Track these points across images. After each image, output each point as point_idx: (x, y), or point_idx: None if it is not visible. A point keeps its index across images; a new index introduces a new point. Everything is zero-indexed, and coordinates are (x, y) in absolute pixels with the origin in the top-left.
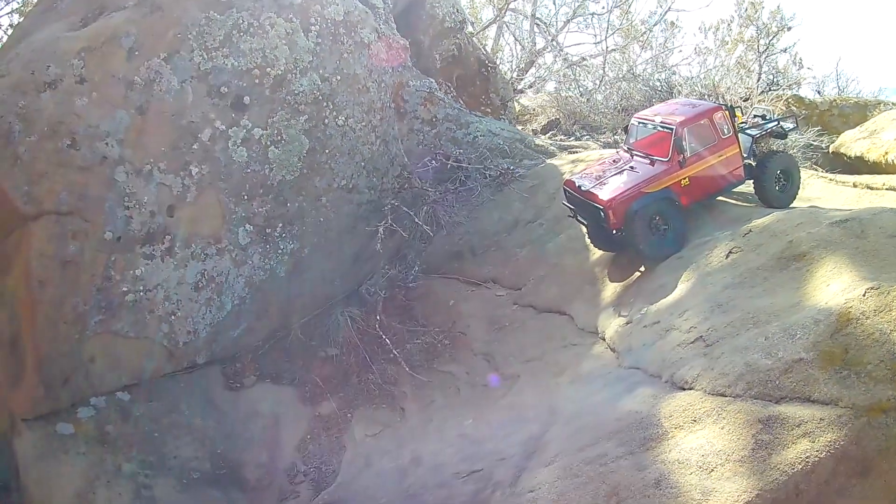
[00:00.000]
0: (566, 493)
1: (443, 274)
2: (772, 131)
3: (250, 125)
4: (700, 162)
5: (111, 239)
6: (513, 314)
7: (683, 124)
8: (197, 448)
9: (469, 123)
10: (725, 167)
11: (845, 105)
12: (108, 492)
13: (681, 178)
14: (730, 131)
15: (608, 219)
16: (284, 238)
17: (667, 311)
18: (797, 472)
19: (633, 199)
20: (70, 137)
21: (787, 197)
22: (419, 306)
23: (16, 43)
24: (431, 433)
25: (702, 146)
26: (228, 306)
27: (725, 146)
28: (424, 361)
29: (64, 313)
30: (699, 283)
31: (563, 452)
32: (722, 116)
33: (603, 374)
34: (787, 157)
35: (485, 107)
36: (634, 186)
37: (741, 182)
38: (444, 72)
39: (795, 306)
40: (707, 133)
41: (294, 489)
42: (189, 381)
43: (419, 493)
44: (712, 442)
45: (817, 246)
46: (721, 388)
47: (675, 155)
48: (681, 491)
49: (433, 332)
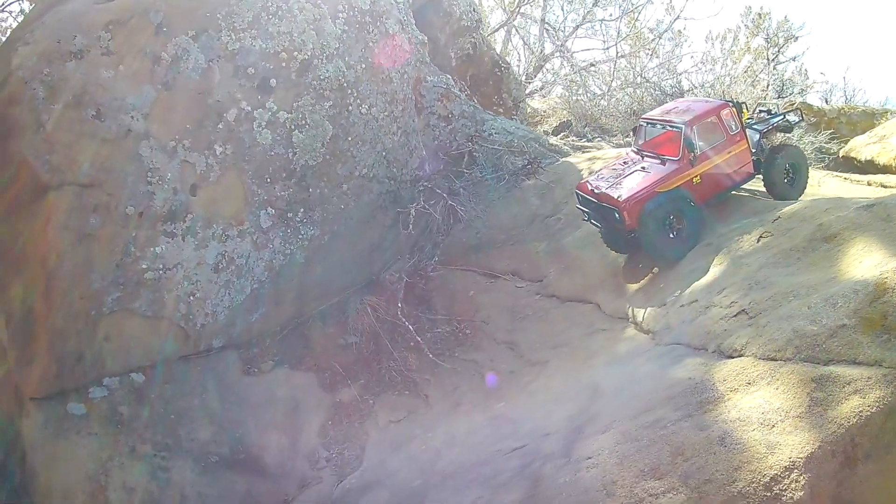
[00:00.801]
0: (629, 457)
1: (461, 266)
2: (778, 125)
3: (276, 108)
4: (710, 159)
5: (133, 214)
6: (535, 304)
7: (692, 123)
8: (215, 431)
9: (484, 121)
10: (735, 163)
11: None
12: (122, 473)
13: (692, 176)
14: (738, 128)
15: (623, 219)
16: (305, 223)
17: (704, 291)
18: (852, 426)
19: (647, 199)
20: (95, 108)
21: (796, 190)
22: (438, 297)
23: (41, 14)
24: (461, 416)
25: (711, 144)
26: (247, 290)
27: (734, 143)
28: (446, 350)
29: (81, 288)
30: (733, 264)
31: (619, 420)
32: (729, 113)
33: (641, 352)
34: (795, 151)
35: (497, 106)
36: (648, 186)
37: (751, 177)
38: (459, 70)
39: (831, 281)
40: (715, 130)
41: (316, 475)
42: (205, 365)
43: (458, 473)
44: (770, 401)
45: (847, 228)
46: (771, 353)
47: (686, 153)
48: (746, 446)
49: (454, 322)
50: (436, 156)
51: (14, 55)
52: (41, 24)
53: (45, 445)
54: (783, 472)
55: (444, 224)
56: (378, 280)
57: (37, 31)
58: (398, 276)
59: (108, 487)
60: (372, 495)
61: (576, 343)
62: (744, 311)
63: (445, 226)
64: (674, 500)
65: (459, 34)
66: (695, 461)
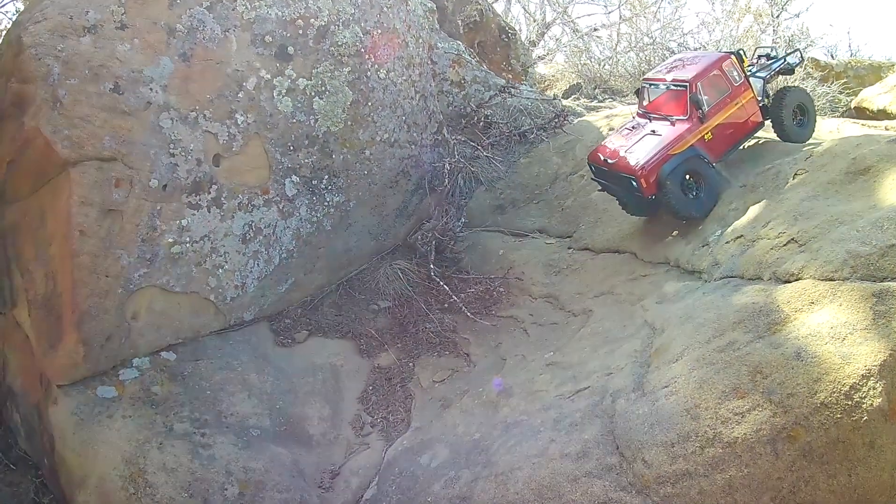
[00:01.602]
0: (708, 379)
1: (486, 227)
2: (780, 69)
3: (295, 75)
4: (719, 114)
5: (157, 187)
6: (569, 257)
7: (696, 79)
8: (255, 404)
9: (496, 86)
10: (744, 113)
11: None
12: (161, 454)
13: (703, 133)
14: (741, 77)
15: (641, 186)
16: (330, 190)
17: (748, 227)
18: None
19: (664, 163)
20: (113, 81)
21: (807, 131)
22: (468, 257)
23: None
24: (511, 368)
25: (717, 97)
26: (276, 260)
27: (740, 93)
28: (482, 309)
29: (106, 266)
30: (773, 200)
31: (689, 348)
32: (731, 64)
33: (692, 289)
34: (801, 92)
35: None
36: (661, 150)
37: (762, 125)
38: (467, 37)
39: (873, 208)
40: (720, 83)
41: (363, 441)
42: (238, 339)
43: (521, 421)
44: (836, 316)
45: (881, 160)
46: (828, 273)
47: (694, 111)
48: (822, 358)
49: (487, 281)
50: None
51: (25, 34)
52: (51, 2)
53: (76, 433)
54: (861, 380)
55: (467, 187)
56: (406, 244)
57: (47, 8)
58: (428, 236)
59: (147, 470)
60: (430, 452)
61: (619, 290)
62: (793, 239)
63: (468, 188)
64: (760, 416)
65: (466, 1)
66: (774, 377)
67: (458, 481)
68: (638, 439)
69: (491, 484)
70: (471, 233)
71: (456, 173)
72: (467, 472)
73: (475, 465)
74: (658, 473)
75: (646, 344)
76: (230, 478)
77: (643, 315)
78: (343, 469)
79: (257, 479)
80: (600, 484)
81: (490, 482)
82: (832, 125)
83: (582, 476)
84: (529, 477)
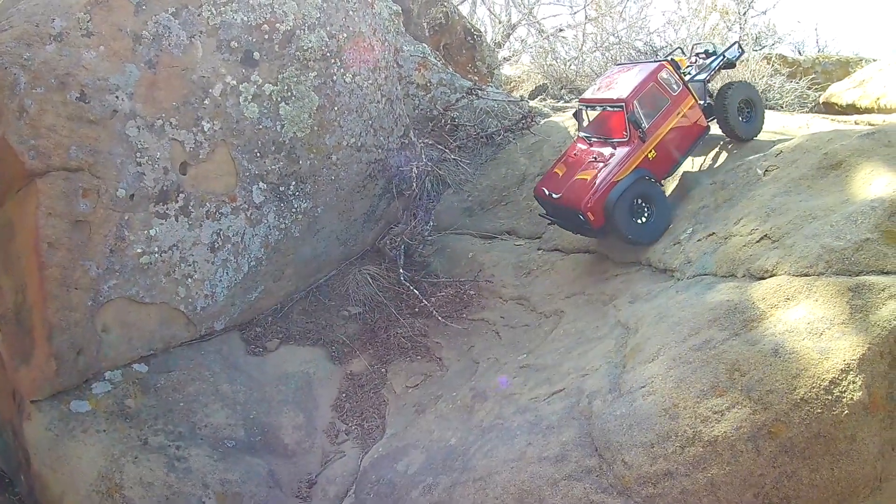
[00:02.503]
0: (685, 378)
1: (455, 230)
2: (721, 65)
3: (261, 81)
4: (661, 128)
5: (124, 196)
6: (539, 258)
7: (631, 98)
8: (228, 415)
9: (463, 88)
10: (688, 122)
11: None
12: (136, 468)
13: (646, 152)
14: (680, 85)
15: (588, 220)
16: (298, 196)
17: (719, 224)
18: (895, 327)
19: (608, 192)
20: (79, 90)
21: (754, 127)
22: (437, 261)
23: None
24: (484, 372)
25: (656, 111)
26: (245, 268)
27: (680, 101)
28: (453, 312)
29: (76, 278)
30: (744, 197)
31: (665, 347)
32: (667, 73)
33: (665, 288)
34: (744, 86)
35: (472, 74)
36: (605, 178)
37: (707, 130)
38: (433, 40)
39: (846, 202)
40: (658, 96)
41: (338, 449)
42: (209, 349)
43: (497, 424)
44: (813, 311)
45: (852, 155)
46: (803, 269)
47: (633, 132)
48: (800, 354)
49: (457, 284)
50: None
51: None
52: (16, 10)
53: (51, 448)
54: (840, 374)
55: (434, 190)
56: (374, 249)
57: (13, 16)
58: (397, 241)
59: (124, 485)
60: (407, 459)
61: (590, 290)
62: (766, 236)
63: (435, 192)
64: (740, 414)
65: (431, 4)
66: (753, 374)
67: (436, 487)
68: (617, 440)
69: (470, 489)
70: (440, 236)
71: (423, 177)
72: (445, 478)
73: (453, 470)
74: (639, 474)
75: (620, 344)
76: (207, 490)
77: (616, 315)
78: (320, 478)
79: (234, 491)
80: (581, 486)
81: (469, 487)
82: (801, 121)
83: (562, 479)
84: (508, 481)
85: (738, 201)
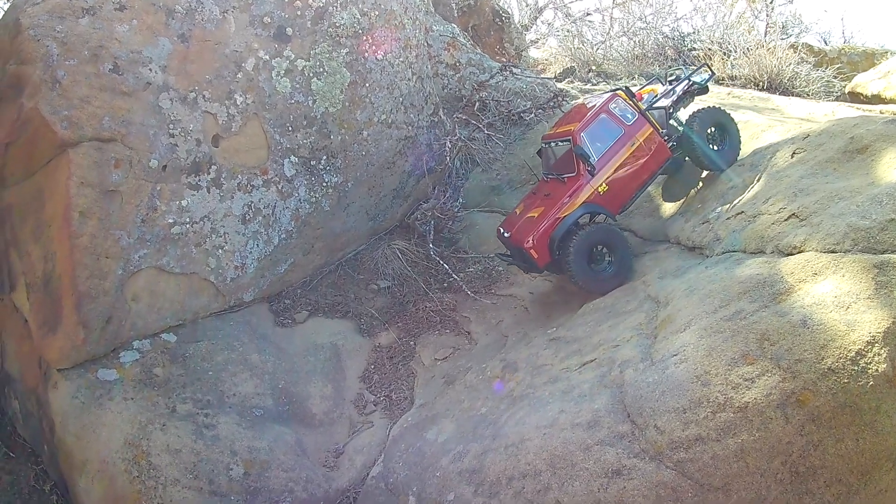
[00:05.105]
0: (717, 347)
1: (483, 208)
2: (687, 92)
3: (293, 56)
4: (612, 161)
5: (156, 167)
6: None
7: (579, 130)
8: (257, 385)
9: (491, 68)
10: (645, 152)
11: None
12: (164, 435)
13: (597, 187)
14: (634, 114)
15: (532, 258)
16: (328, 171)
17: (748, 203)
18: None
19: (552, 229)
20: (112, 62)
21: (729, 154)
22: (466, 238)
23: None
24: (513, 345)
25: (608, 143)
26: (276, 240)
27: (636, 131)
28: (482, 288)
29: (106, 247)
30: (772, 178)
31: (697, 318)
32: (619, 103)
33: (694, 264)
34: (714, 111)
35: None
36: (550, 216)
37: (670, 158)
38: (461, 21)
39: (871, 184)
40: (609, 127)
41: (366, 419)
42: (238, 319)
43: (528, 394)
44: (839, 286)
45: (877, 139)
46: (830, 246)
47: (582, 166)
48: (827, 326)
49: (485, 260)
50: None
51: (23, 15)
52: None
53: (77, 416)
54: (866, 346)
55: (464, 168)
56: (402, 225)
57: None
58: (427, 216)
59: (151, 452)
60: (437, 428)
61: None
62: (794, 214)
63: (464, 170)
64: (769, 382)
65: None
66: (782, 344)
67: (466, 455)
68: (649, 406)
69: (501, 455)
70: (468, 213)
71: (456, 152)
72: (476, 446)
73: (483, 438)
74: (671, 439)
75: (650, 316)
76: (235, 458)
77: (645, 290)
78: (347, 447)
79: (262, 459)
80: (613, 451)
81: (500, 454)
82: (827, 108)
83: (594, 444)
84: (540, 447)
85: (767, 182)
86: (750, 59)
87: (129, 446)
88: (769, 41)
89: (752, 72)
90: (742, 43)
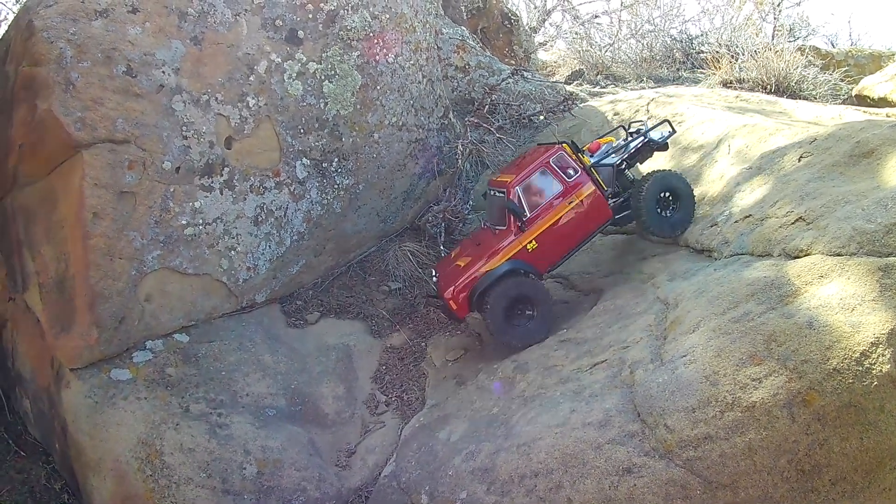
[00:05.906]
0: (725, 348)
1: None
2: (641, 148)
3: (305, 59)
4: (546, 217)
5: (169, 169)
6: None
7: (514, 184)
8: (269, 385)
9: (501, 71)
10: (583, 210)
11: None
12: (177, 434)
13: (524, 243)
14: (578, 170)
15: (451, 309)
16: (340, 173)
17: (755, 207)
18: None
19: (474, 282)
20: (125, 64)
21: (681, 220)
22: None
23: None
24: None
25: (545, 199)
26: (288, 242)
27: (575, 188)
28: None
29: (120, 247)
30: (780, 181)
31: (705, 319)
32: (561, 158)
33: (703, 266)
34: (667, 175)
35: (509, 59)
36: (473, 270)
37: (609, 220)
38: (470, 23)
39: (877, 188)
40: (547, 183)
41: (378, 420)
42: (249, 320)
43: (539, 394)
44: (845, 288)
45: (883, 143)
46: (836, 249)
47: (513, 220)
48: (833, 327)
49: None
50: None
51: (36, 17)
52: None
53: (90, 416)
54: (870, 347)
55: (473, 171)
56: (414, 226)
57: None
58: (438, 217)
59: (164, 451)
60: (448, 428)
61: (629, 269)
62: (801, 218)
63: (474, 173)
64: (776, 382)
65: None
66: (789, 345)
67: (479, 454)
68: (659, 406)
69: (513, 455)
70: (478, 215)
71: (466, 155)
72: (488, 445)
73: (495, 437)
74: (680, 438)
75: (660, 318)
76: (248, 457)
77: (655, 292)
78: (359, 447)
79: (275, 458)
80: (623, 450)
81: (512, 453)
82: (835, 112)
83: (605, 443)
84: (552, 446)
85: (774, 186)
86: (758, 62)
87: (143, 445)
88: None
89: (759, 75)
90: (750, 46)
